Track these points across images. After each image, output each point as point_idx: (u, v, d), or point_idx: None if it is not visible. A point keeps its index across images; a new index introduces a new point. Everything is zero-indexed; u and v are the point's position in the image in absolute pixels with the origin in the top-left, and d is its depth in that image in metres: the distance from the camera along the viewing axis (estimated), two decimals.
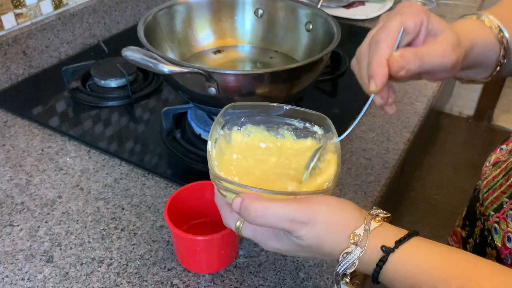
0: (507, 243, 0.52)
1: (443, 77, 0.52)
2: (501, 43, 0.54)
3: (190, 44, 0.90)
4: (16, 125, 0.88)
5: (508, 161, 0.57)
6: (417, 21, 0.49)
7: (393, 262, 0.40)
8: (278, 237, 0.45)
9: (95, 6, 1.14)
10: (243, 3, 0.92)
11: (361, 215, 0.43)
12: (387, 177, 0.79)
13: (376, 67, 0.48)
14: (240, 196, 0.43)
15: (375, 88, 0.49)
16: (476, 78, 0.59)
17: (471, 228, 0.63)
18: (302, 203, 0.42)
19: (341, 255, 0.42)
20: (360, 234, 0.41)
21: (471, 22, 0.55)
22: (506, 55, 0.55)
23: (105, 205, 0.72)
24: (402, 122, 0.92)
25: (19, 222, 0.69)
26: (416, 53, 0.48)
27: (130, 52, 0.63)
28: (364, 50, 0.51)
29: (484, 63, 0.56)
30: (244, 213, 0.42)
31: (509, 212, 0.52)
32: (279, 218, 0.41)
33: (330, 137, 0.52)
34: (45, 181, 0.76)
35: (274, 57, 0.91)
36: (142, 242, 0.66)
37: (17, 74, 1.01)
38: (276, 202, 0.42)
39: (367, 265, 0.42)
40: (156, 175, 0.77)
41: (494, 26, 0.54)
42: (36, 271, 0.62)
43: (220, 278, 0.61)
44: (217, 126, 0.52)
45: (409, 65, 0.47)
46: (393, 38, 0.49)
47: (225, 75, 0.68)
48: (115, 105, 0.94)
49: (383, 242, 0.41)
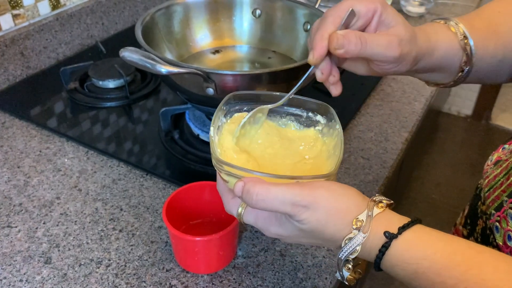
0: (508, 241, 0.52)
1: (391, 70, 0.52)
2: (464, 50, 0.54)
3: (188, 45, 0.90)
4: (14, 126, 0.88)
5: (509, 160, 0.57)
6: (370, 6, 0.50)
7: (395, 248, 0.40)
8: (280, 223, 0.45)
9: (93, 7, 1.14)
10: (241, 4, 0.92)
11: (363, 201, 0.43)
12: (386, 177, 0.79)
13: (317, 39, 0.50)
14: (242, 180, 0.43)
15: (312, 59, 0.50)
16: (440, 82, 0.59)
17: (472, 226, 0.63)
18: (305, 187, 0.42)
19: (343, 240, 0.42)
20: (363, 220, 0.41)
21: (437, 25, 0.55)
22: (469, 63, 0.55)
23: (103, 206, 0.72)
24: (401, 122, 0.92)
25: (17, 223, 0.68)
26: (360, 37, 0.48)
27: (128, 53, 0.63)
28: (315, 25, 0.53)
29: (446, 68, 0.56)
30: (246, 196, 0.42)
31: (509, 211, 0.52)
32: (280, 201, 0.42)
33: (333, 125, 0.52)
34: (43, 182, 0.75)
35: (272, 57, 0.91)
36: (141, 243, 0.66)
37: (15, 75, 1.00)
38: (278, 186, 0.42)
39: (369, 251, 0.42)
40: (155, 176, 0.77)
41: (460, 33, 0.54)
42: (34, 273, 0.62)
43: (219, 279, 0.61)
44: (220, 114, 0.52)
45: (349, 46, 0.48)
46: (339, 16, 0.50)
47: (223, 76, 0.68)
48: (113, 105, 0.93)
49: (386, 228, 0.41)
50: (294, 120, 0.56)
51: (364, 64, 0.54)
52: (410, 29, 0.51)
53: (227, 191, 0.49)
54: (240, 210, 0.48)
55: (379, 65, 0.51)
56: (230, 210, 0.49)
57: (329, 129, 0.53)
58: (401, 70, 0.52)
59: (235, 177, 0.45)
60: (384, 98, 0.99)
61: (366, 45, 0.48)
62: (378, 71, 0.53)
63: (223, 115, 0.53)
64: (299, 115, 0.56)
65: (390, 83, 1.04)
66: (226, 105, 0.53)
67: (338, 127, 0.51)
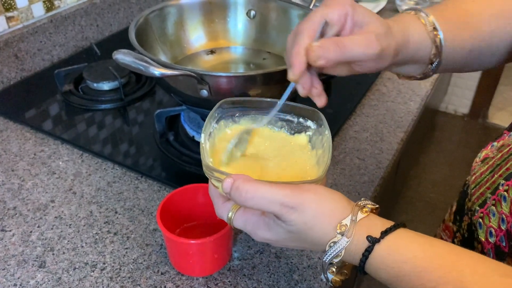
0: (489, 237, 0.53)
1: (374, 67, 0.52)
2: (433, 42, 0.54)
3: (182, 46, 0.90)
4: (8, 129, 0.87)
5: (495, 158, 0.57)
6: (341, 12, 0.49)
7: (378, 252, 0.41)
8: (268, 227, 0.45)
9: (88, 9, 1.14)
10: (235, 5, 0.92)
11: (348, 206, 0.44)
12: (381, 177, 0.79)
13: (294, 56, 0.49)
14: (231, 176, 0.43)
15: (292, 76, 0.50)
16: (411, 74, 0.59)
17: (460, 222, 0.64)
18: (294, 189, 0.43)
19: (327, 244, 0.43)
20: (347, 224, 0.42)
21: (408, 16, 0.55)
22: (438, 54, 0.54)
23: (98, 209, 0.71)
24: (396, 121, 0.92)
25: (11, 227, 0.68)
26: (337, 42, 0.48)
27: (121, 55, 0.63)
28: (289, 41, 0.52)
29: (417, 60, 0.56)
30: (235, 193, 0.43)
31: (491, 208, 0.53)
32: (269, 200, 0.42)
33: (322, 131, 0.52)
34: (37, 186, 0.75)
35: (267, 58, 0.91)
36: (135, 246, 0.66)
37: (9, 78, 1.00)
38: (267, 185, 0.42)
39: (353, 255, 0.42)
40: (149, 178, 0.77)
41: (429, 23, 0.53)
42: (28, 277, 0.61)
43: (214, 281, 0.61)
44: (211, 120, 0.52)
45: (327, 54, 0.47)
46: (314, 29, 0.49)
47: (217, 77, 0.67)
48: (108, 108, 0.93)
49: (369, 233, 0.42)
50: (285, 125, 0.56)
51: (344, 65, 0.53)
52: (385, 23, 0.50)
53: (218, 196, 0.49)
54: (230, 214, 0.48)
55: (361, 65, 0.51)
56: (221, 215, 0.50)
57: (318, 134, 0.53)
58: (384, 65, 0.52)
59: None
60: (380, 98, 0.99)
61: (345, 49, 0.48)
62: (360, 70, 0.52)
63: (215, 121, 0.53)
64: (290, 120, 0.55)
65: (386, 83, 1.04)
66: (218, 111, 0.53)
67: (327, 133, 0.51)
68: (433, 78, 1.06)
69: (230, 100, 0.54)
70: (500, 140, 0.62)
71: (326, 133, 0.51)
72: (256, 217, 0.47)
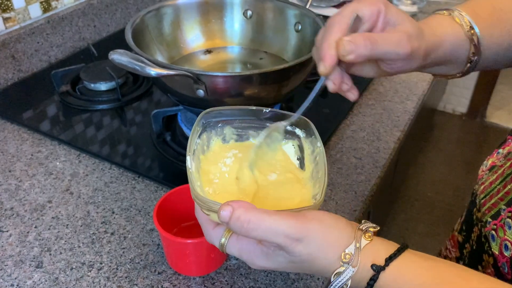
0: (504, 251, 0.51)
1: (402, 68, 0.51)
2: (471, 40, 0.53)
3: (179, 46, 0.90)
4: (6, 130, 0.87)
5: (504, 167, 0.56)
6: (373, 9, 0.49)
7: (384, 279, 0.40)
8: (267, 256, 0.43)
9: (85, 9, 1.14)
10: (231, 5, 0.92)
11: (352, 232, 0.42)
12: (378, 177, 0.79)
13: (325, 49, 0.48)
14: (230, 204, 0.40)
15: (323, 70, 0.49)
16: (449, 74, 0.58)
17: (468, 233, 0.62)
18: (298, 219, 0.40)
19: (332, 275, 0.41)
20: (352, 253, 0.41)
21: (441, 18, 0.54)
22: (477, 53, 0.54)
23: (95, 209, 0.71)
24: (393, 121, 0.92)
25: (8, 227, 0.68)
26: (368, 38, 0.47)
27: (117, 56, 0.63)
28: (320, 34, 0.51)
29: (453, 60, 0.55)
30: (235, 224, 0.39)
31: (507, 220, 0.51)
32: (273, 232, 0.39)
33: (314, 142, 0.51)
34: (34, 186, 0.75)
35: (263, 58, 0.91)
36: (132, 245, 0.66)
37: (6, 79, 1.00)
38: (272, 215, 0.40)
39: (358, 283, 0.41)
40: (147, 178, 0.77)
41: (465, 23, 0.53)
42: (25, 277, 0.61)
43: (211, 281, 0.61)
44: (194, 136, 0.49)
45: (358, 49, 0.47)
46: (345, 23, 0.48)
47: (213, 77, 0.67)
48: (105, 108, 0.93)
49: (374, 260, 0.40)
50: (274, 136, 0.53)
51: (373, 66, 0.53)
52: (416, 25, 0.50)
53: (207, 221, 0.47)
54: (223, 241, 0.45)
55: (390, 64, 0.51)
56: (211, 241, 0.47)
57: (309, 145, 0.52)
58: (412, 67, 0.52)
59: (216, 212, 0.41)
60: (377, 98, 0.99)
61: (377, 45, 0.47)
62: (389, 70, 0.52)
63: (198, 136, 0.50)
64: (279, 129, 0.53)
65: (383, 82, 1.04)
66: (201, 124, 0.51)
67: (319, 145, 0.50)
68: (430, 78, 1.06)
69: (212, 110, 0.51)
70: (506, 146, 0.60)
71: (319, 145, 0.50)
72: (252, 246, 0.44)
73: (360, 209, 0.73)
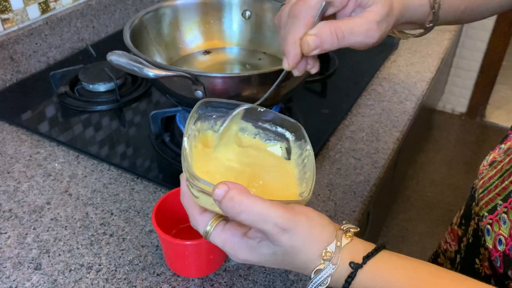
0: (498, 245, 0.51)
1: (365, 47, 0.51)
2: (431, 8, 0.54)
3: (177, 47, 0.90)
4: (4, 131, 0.87)
5: (503, 162, 0.56)
6: None
7: (361, 277, 0.41)
8: (250, 249, 0.44)
9: (83, 10, 1.14)
10: (230, 5, 0.92)
11: (334, 231, 0.43)
12: (377, 177, 0.79)
13: (290, 46, 0.48)
14: (226, 184, 0.40)
15: (287, 67, 0.49)
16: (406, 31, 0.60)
17: (466, 227, 0.63)
18: (288, 210, 0.41)
19: (313, 272, 0.42)
20: (332, 251, 0.42)
21: None
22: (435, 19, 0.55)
23: (94, 210, 0.71)
24: (392, 121, 0.92)
25: (7, 229, 0.68)
26: (336, 31, 0.46)
27: (115, 57, 0.63)
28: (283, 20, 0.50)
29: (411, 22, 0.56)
30: (228, 203, 0.39)
31: (502, 215, 0.52)
32: (264, 218, 0.40)
33: (303, 145, 0.51)
34: (33, 188, 0.75)
35: (262, 59, 0.91)
36: (131, 247, 0.66)
37: (5, 80, 1.00)
38: (264, 202, 0.40)
39: (336, 280, 0.42)
40: (145, 180, 0.77)
41: None
42: (24, 279, 0.61)
43: (210, 282, 0.61)
44: (191, 121, 0.50)
45: (324, 45, 0.47)
46: (312, 15, 0.47)
47: (212, 78, 0.67)
48: (103, 109, 0.93)
49: (352, 258, 0.42)
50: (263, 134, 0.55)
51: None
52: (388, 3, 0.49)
53: (195, 205, 0.46)
54: (208, 228, 0.45)
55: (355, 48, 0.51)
56: (196, 226, 0.47)
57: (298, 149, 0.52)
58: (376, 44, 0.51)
59: (207, 195, 0.42)
60: (376, 98, 0.99)
61: (343, 39, 0.47)
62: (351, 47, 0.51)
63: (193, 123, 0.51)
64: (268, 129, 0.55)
65: (382, 83, 1.04)
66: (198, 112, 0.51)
67: (309, 148, 0.50)
68: (429, 78, 1.06)
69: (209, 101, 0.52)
70: (507, 142, 0.61)
71: (308, 149, 0.50)
72: (237, 238, 0.44)
73: (360, 210, 0.72)
